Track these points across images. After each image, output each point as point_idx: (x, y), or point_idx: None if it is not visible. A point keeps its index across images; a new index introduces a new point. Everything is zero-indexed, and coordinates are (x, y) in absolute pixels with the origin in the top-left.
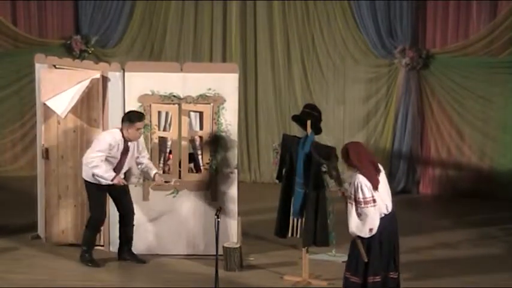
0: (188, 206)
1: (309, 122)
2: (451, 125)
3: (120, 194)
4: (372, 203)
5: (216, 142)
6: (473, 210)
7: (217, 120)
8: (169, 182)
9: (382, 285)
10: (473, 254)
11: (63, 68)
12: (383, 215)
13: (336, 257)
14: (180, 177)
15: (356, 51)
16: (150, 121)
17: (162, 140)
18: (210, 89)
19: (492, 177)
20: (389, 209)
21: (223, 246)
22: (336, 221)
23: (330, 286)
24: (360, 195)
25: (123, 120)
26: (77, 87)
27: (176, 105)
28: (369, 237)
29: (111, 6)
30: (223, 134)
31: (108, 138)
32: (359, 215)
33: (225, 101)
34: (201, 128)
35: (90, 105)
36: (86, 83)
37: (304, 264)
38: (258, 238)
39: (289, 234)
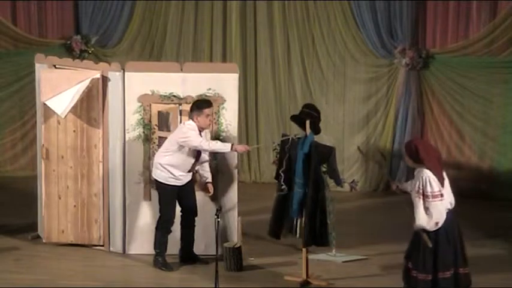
0: None
1: (307, 122)
2: (451, 125)
3: (188, 194)
4: (440, 197)
5: None
6: (473, 210)
7: (217, 120)
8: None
9: (453, 280)
10: (474, 254)
11: (63, 68)
12: (448, 210)
13: (336, 257)
14: None
15: (356, 51)
16: (150, 121)
17: (162, 140)
18: (210, 89)
19: (492, 177)
20: (453, 204)
21: (223, 246)
22: (336, 221)
23: (330, 286)
24: (429, 189)
25: (192, 110)
26: (77, 87)
27: (176, 105)
28: (436, 232)
29: (111, 6)
30: (223, 134)
31: (190, 127)
32: (426, 209)
33: (225, 101)
34: None
35: (90, 105)
36: (86, 83)
37: (304, 264)
38: (258, 238)
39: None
